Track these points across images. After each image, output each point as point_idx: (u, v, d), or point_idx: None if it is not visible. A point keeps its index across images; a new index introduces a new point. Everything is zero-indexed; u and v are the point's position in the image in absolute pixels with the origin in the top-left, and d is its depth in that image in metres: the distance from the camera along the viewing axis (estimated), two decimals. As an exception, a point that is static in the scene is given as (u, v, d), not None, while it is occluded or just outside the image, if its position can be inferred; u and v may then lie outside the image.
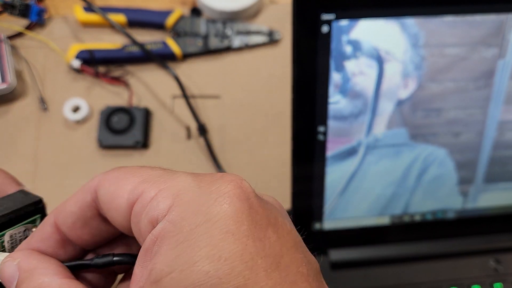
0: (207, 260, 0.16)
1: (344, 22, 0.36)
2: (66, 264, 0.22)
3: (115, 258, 0.21)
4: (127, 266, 0.22)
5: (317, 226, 0.44)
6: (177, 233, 0.17)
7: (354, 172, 0.42)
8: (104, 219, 0.22)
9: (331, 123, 0.40)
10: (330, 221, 0.44)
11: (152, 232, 0.18)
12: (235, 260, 0.16)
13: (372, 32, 0.37)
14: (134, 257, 0.20)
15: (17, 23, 0.61)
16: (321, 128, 0.40)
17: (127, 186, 0.19)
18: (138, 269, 0.18)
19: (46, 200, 0.53)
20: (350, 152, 0.41)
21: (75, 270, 0.22)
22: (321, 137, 0.40)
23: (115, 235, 0.23)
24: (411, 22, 0.37)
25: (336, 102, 0.39)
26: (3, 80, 0.56)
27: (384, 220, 0.45)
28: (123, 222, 0.20)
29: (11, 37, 0.61)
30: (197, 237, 0.17)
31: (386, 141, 0.41)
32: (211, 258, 0.16)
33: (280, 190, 0.55)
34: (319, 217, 0.44)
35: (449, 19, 0.37)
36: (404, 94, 0.40)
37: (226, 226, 0.17)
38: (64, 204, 0.23)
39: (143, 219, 0.18)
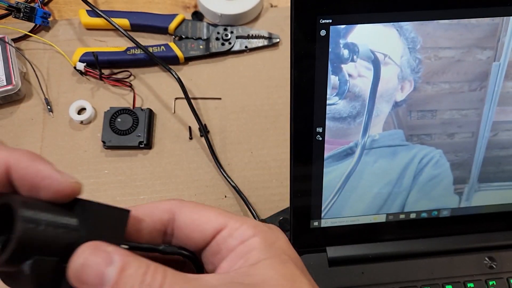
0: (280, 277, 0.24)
1: (341, 26, 0.36)
2: (140, 245, 0.24)
3: (182, 251, 0.25)
4: (179, 262, 0.26)
5: (315, 224, 0.45)
6: (262, 246, 0.24)
7: (351, 171, 0.43)
8: (161, 235, 0.26)
9: (329, 124, 0.40)
10: (328, 219, 0.45)
11: (244, 244, 0.24)
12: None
13: (369, 35, 0.37)
14: (194, 256, 0.26)
15: (22, 26, 0.62)
16: (319, 129, 0.40)
17: (210, 217, 0.25)
18: (227, 263, 0.24)
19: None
20: (347, 153, 0.42)
21: (137, 251, 0.24)
22: (319, 137, 0.41)
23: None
24: (407, 26, 0.37)
25: (334, 103, 0.40)
26: (9, 82, 0.57)
27: (381, 218, 0.46)
28: (198, 241, 0.25)
29: (16, 40, 0.62)
30: (279, 254, 0.25)
31: (383, 142, 0.42)
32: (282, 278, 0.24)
33: (279, 189, 0.55)
34: (317, 215, 0.44)
35: (444, 22, 0.37)
36: (400, 96, 0.40)
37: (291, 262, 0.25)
38: (136, 211, 0.25)
39: (231, 241, 0.25)
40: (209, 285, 0.22)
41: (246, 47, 0.62)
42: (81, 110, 0.59)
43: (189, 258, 0.26)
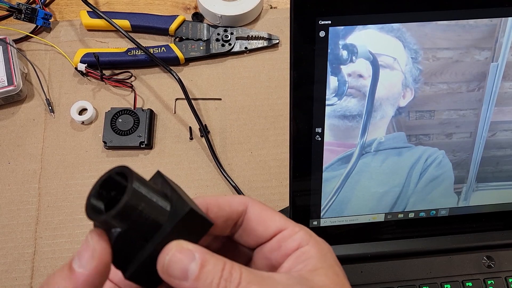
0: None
1: (340, 27, 0.37)
2: None
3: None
4: None
5: (314, 223, 0.45)
6: (318, 256, 0.28)
7: (349, 171, 0.43)
8: (233, 223, 0.30)
9: (328, 125, 0.41)
10: (327, 219, 0.45)
11: (301, 250, 0.28)
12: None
13: (367, 37, 0.38)
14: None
15: (24, 27, 0.62)
16: (318, 129, 0.41)
17: (275, 217, 0.29)
18: (288, 264, 0.28)
19: (52, 199, 0.54)
20: (346, 153, 0.42)
21: None
22: (318, 137, 0.41)
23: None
24: (405, 27, 0.38)
25: (333, 104, 0.40)
26: (10, 82, 0.57)
27: (379, 218, 0.46)
28: (261, 235, 0.29)
29: (17, 41, 0.62)
30: (333, 264, 0.28)
31: (382, 143, 0.42)
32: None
33: (279, 189, 0.56)
34: (316, 214, 0.45)
35: (443, 23, 0.38)
36: (402, 102, 0.41)
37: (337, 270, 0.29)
38: (217, 200, 0.29)
39: (291, 242, 0.28)
40: (281, 283, 0.26)
41: (246, 48, 0.62)
42: (82, 111, 0.59)
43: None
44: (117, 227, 0.24)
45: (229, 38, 0.62)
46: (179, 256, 0.25)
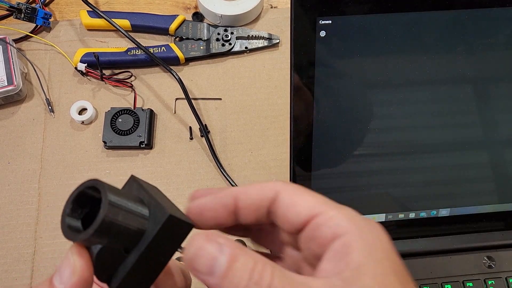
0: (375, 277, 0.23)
1: (340, 27, 0.37)
2: None
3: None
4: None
5: (315, 223, 0.45)
6: (361, 248, 0.23)
7: (349, 171, 0.43)
8: (265, 211, 0.27)
9: (328, 124, 0.41)
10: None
11: (341, 241, 0.24)
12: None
13: (367, 36, 0.38)
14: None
15: (23, 27, 0.62)
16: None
17: (308, 201, 0.25)
18: (328, 264, 0.24)
19: (52, 199, 0.54)
20: (347, 153, 0.42)
21: None
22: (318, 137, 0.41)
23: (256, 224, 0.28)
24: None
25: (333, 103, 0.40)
26: (10, 82, 0.57)
27: (379, 218, 0.46)
28: (294, 223, 0.25)
29: (17, 41, 0.62)
30: (381, 259, 0.24)
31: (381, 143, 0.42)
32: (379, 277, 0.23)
33: (279, 189, 0.56)
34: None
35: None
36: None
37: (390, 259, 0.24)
38: (246, 189, 0.27)
39: (325, 229, 0.24)
40: None
41: (246, 48, 0.62)
42: (82, 111, 0.59)
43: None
44: (99, 242, 0.23)
45: (229, 37, 0.62)
46: (208, 247, 0.23)
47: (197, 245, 0.23)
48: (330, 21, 0.36)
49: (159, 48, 0.60)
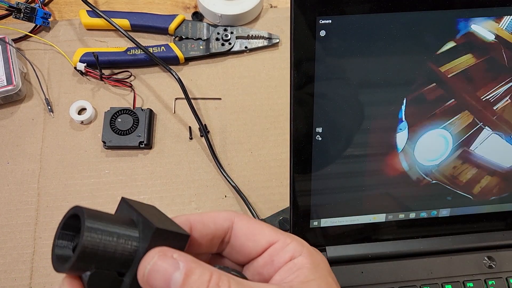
0: None
1: (341, 27, 0.37)
2: None
3: (232, 272, 0.26)
4: None
5: (315, 223, 0.45)
6: (311, 267, 0.27)
7: (349, 171, 0.43)
8: (220, 241, 0.28)
9: (329, 124, 0.41)
10: (328, 219, 0.45)
11: (293, 261, 0.27)
12: None
13: (367, 36, 0.38)
14: (243, 276, 0.27)
15: (23, 27, 0.62)
16: (319, 129, 0.40)
17: (264, 230, 0.28)
18: (280, 276, 0.27)
19: (51, 199, 0.54)
20: (347, 153, 0.42)
21: None
22: (319, 137, 0.41)
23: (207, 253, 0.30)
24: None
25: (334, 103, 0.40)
26: (9, 82, 0.57)
27: (380, 218, 0.46)
28: (251, 251, 0.28)
29: (16, 40, 0.62)
30: (325, 275, 0.27)
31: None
32: None
33: (279, 189, 0.56)
34: (317, 215, 0.44)
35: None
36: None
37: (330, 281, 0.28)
38: (202, 218, 0.28)
39: (284, 254, 0.27)
40: None
41: (246, 47, 0.62)
42: (81, 110, 0.59)
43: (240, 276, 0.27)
44: (88, 269, 0.23)
45: (229, 37, 0.62)
46: (162, 264, 0.23)
47: (152, 262, 0.23)
48: (330, 21, 0.36)
49: (159, 48, 0.60)
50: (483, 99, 0.40)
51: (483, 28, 0.37)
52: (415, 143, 0.42)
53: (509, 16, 0.37)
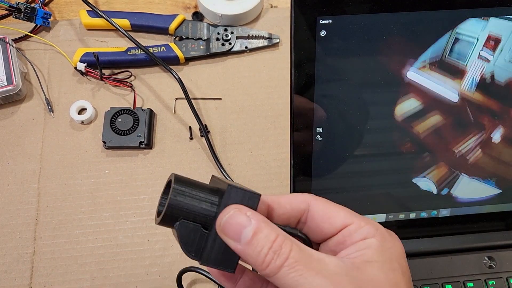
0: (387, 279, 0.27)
1: (341, 27, 0.37)
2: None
3: (299, 234, 0.30)
4: None
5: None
6: (379, 249, 0.28)
7: (350, 171, 0.43)
8: (296, 221, 0.30)
9: (329, 124, 0.40)
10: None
11: (364, 241, 0.28)
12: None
13: (367, 36, 0.38)
14: (309, 240, 0.30)
15: (23, 27, 0.62)
16: (319, 129, 0.40)
17: (340, 212, 0.29)
18: (345, 252, 0.28)
19: (51, 199, 0.54)
20: (347, 153, 0.42)
21: None
22: (319, 137, 0.41)
23: None
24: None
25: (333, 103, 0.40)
26: (9, 82, 0.57)
27: (380, 218, 0.46)
28: (327, 232, 0.29)
29: (16, 40, 0.62)
30: (391, 260, 0.28)
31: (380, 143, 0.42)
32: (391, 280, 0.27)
33: (279, 189, 0.56)
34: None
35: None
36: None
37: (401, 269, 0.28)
38: (279, 199, 0.30)
39: (356, 235, 0.28)
40: (327, 269, 0.26)
41: (246, 47, 0.62)
42: (81, 110, 0.59)
43: (305, 241, 0.30)
44: (177, 221, 0.28)
45: (229, 37, 0.62)
46: (237, 218, 0.26)
47: (229, 214, 0.27)
48: (330, 21, 0.36)
49: (159, 48, 0.60)
50: (456, 152, 0.43)
51: (448, 90, 0.40)
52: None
53: (469, 78, 0.39)
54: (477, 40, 0.38)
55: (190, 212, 0.28)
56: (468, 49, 0.38)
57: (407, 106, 0.40)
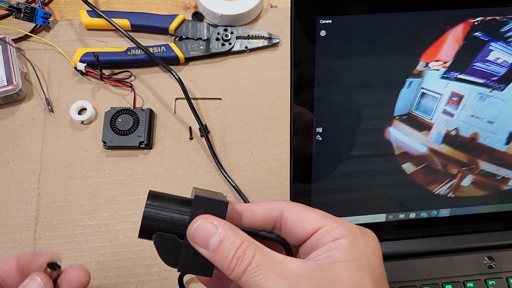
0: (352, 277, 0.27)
1: (341, 27, 0.37)
2: (245, 229, 0.31)
3: (277, 238, 0.31)
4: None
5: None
6: (347, 249, 0.28)
7: (350, 171, 0.43)
8: (271, 228, 0.32)
9: (329, 124, 0.40)
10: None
11: (334, 242, 0.29)
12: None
13: (368, 36, 0.38)
14: (286, 242, 0.31)
15: (23, 27, 0.62)
16: (319, 129, 0.40)
17: (312, 217, 0.30)
18: (313, 254, 0.29)
19: (51, 199, 0.54)
20: (347, 153, 0.42)
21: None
22: (319, 137, 0.41)
23: None
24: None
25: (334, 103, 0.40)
26: (9, 82, 0.57)
27: (380, 218, 0.46)
28: (300, 237, 0.30)
29: (16, 40, 0.62)
30: (360, 259, 0.28)
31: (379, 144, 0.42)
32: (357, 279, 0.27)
33: (279, 189, 0.56)
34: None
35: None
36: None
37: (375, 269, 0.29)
38: (252, 207, 0.32)
39: (328, 237, 0.29)
40: (290, 272, 0.27)
41: (246, 47, 0.62)
42: (81, 110, 0.59)
43: (282, 244, 0.32)
44: (153, 233, 0.30)
45: (229, 37, 0.62)
46: (204, 227, 0.28)
47: (196, 224, 0.29)
48: (330, 21, 0.36)
49: (159, 48, 0.60)
50: (435, 192, 0.45)
51: (416, 142, 0.42)
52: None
53: (436, 131, 0.41)
54: (441, 96, 0.40)
55: (164, 224, 0.30)
56: (433, 104, 0.40)
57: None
